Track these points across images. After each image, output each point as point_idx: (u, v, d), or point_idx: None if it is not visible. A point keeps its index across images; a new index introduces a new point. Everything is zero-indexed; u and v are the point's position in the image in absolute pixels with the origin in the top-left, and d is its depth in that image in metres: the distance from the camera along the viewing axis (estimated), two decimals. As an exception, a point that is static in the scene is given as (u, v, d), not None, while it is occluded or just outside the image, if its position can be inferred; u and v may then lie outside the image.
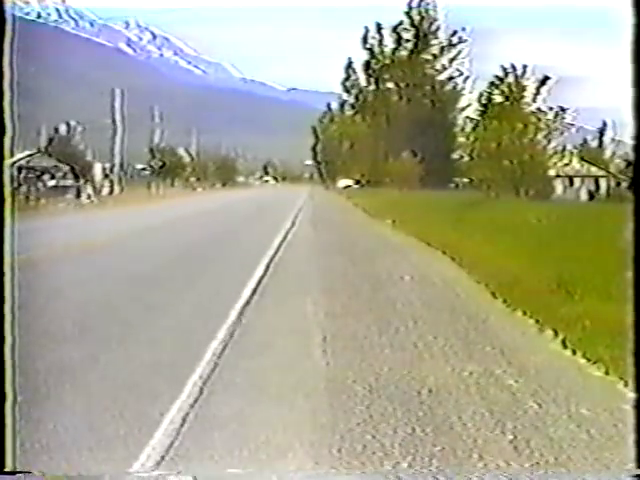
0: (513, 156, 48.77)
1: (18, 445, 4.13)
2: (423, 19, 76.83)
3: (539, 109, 52.21)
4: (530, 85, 53.78)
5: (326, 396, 6.42)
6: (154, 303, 10.96)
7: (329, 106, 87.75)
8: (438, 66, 76.80)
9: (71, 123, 72.12)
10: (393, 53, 77.59)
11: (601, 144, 69.45)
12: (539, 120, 50.69)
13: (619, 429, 5.50)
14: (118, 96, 65.49)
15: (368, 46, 77.73)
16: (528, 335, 8.94)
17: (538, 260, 14.48)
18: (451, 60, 76.43)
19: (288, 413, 5.99)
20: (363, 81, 79.39)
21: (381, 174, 71.04)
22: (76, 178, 58.34)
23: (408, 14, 77.12)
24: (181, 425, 5.66)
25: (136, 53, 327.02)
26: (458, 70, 76.53)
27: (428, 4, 76.70)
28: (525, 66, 54.93)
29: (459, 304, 11.10)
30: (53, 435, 5.49)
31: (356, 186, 76.28)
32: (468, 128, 59.12)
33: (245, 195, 68.81)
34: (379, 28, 77.50)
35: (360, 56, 79.16)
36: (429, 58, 76.67)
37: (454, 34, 76.18)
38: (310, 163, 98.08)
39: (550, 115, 50.74)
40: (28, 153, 58.07)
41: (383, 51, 77.80)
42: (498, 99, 54.96)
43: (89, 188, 54.30)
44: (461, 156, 65.97)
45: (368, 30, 77.51)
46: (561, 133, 50.29)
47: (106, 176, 63.76)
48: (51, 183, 54.43)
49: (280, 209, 40.76)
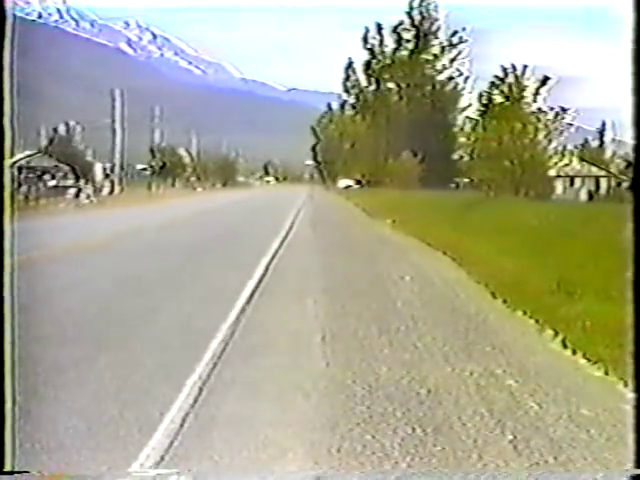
0: (513, 156, 48.77)
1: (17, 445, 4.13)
2: (424, 19, 76.83)
3: (539, 109, 52.21)
4: (530, 85, 53.80)
5: (326, 396, 6.42)
6: (151, 304, 10.96)
7: (329, 106, 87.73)
8: (438, 66, 76.79)
9: (71, 123, 72.13)
10: (393, 53, 77.58)
11: (601, 144, 69.47)
12: (539, 120, 50.69)
13: (619, 429, 5.50)
14: (118, 96, 65.46)
15: (368, 46, 77.77)
16: (528, 335, 8.94)
17: (538, 260, 14.47)
18: (451, 60, 76.42)
19: (288, 413, 5.99)
20: (363, 81, 79.41)
21: (381, 174, 71.02)
22: (76, 178, 58.36)
23: (409, 14, 77.15)
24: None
25: (136, 53, 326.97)
26: (458, 70, 76.53)
27: (429, 4, 76.73)
28: (525, 66, 54.93)
29: (459, 304, 11.10)
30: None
31: (356, 186, 76.25)
32: (468, 128, 59.13)
33: (245, 195, 68.79)
34: (379, 28, 77.53)
35: (360, 56, 79.21)
36: (429, 58, 76.65)
37: (454, 34, 76.18)
38: (310, 163, 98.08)
39: (550, 115, 50.75)
40: (28, 153, 58.08)
41: (383, 51, 77.79)
42: (498, 99, 54.96)
43: (89, 188, 54.32)
44: (461, 156, 65.96)
45: (368, 30, 77.54)
46: (561, 133, 50.30)
47: (106, 176, 63.76)
48: (51, 183, 54.44)
49: (280, 209, 40.75)
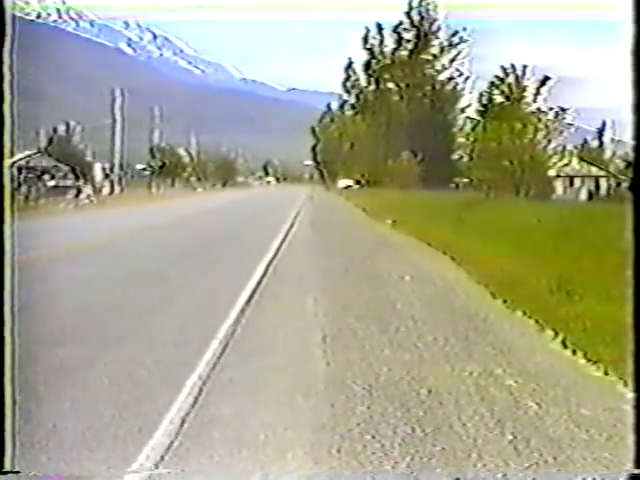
0: (513, 156, 48.79)
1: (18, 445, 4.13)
2: (423, 19, 76.87)
3: (539, 109, 52.28)
4: (530, 85, 53.87)
5: (326, 396, 6.42)
6: (149, 304, 10.96)
7: (329, 106, 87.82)
8: (438, 66, 76.88)
9: (71, 123, 72.17)
10: (393, 53, 77.64)
11: (601, 144, 69.52)
12: (539, 120, 50.74)
13: (618, 429, 5.50)
14: (118, 96, 65.50)
15: (368, 46, 77.81)
16: (528, 335, 8.94)
17: (538, 260, 14.48)
18: (451, 60, 76.50)
19: (287, 413, 5.99)
20: (363, 81, 79.48)
21: (381, 174, 71.08)
22: (76, 178, 58.38)
23: (408, 14, 77.21)
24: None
25: (136, 53, 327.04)
26: (458, 70, 76.64)
27: (428, 4, 76.77)
28: (525, 66, 55.07)
29: (459, 304, 11.10)
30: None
31: (356, 186, 76.29)
32: (468, 128, 59.21)
33: (245, 195, 68.82)
34: (380, 28, 77.57)
35: (360, 56, 79.27)
36: (429, 58, 76.73)
37: (454, 34, 76.28)
38: (310, 163, 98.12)
39: (550, 115, 50.81)
40: (28, 153, 58.12)
41: (383, 51, 77.84)
42: (498, 99, 55.04)
43: (89, 188, 54.35)
44: (461, 156, 66.02)
45: (369, 30, 77.59)
46: (561, 133, 50.34)
47: (106, 176, 63.79)
48: (51, 183, 54.46)
49: (280, 209, 40.76)
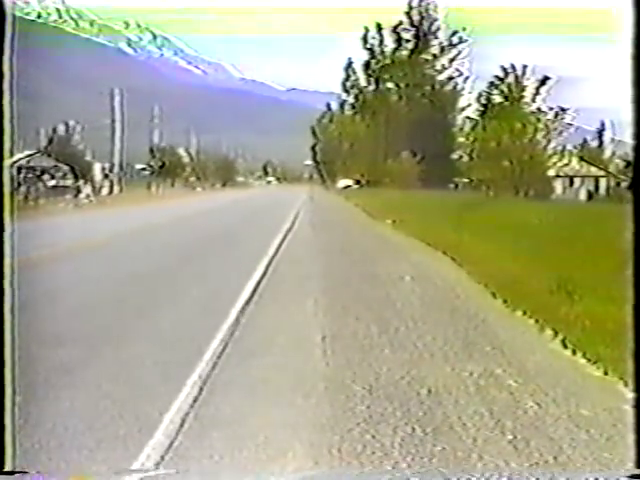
0: (513, 156, 48.76)
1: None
2: (423, 19, 76.83)
3: (539, 109, 52.26)
4: (530, 85, 53.85)
5: (326, 396, 6.42)
6: (147, 305, 10.97)
7: (329, 106, 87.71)
8: (438, 66, 76.77)
9: (70, 123, 72.09)
10: (393, 53, 77.57)
11: (600, 144, 69.48)
12: (539, 120, 50.71)
13: (618, 429, 5.50)
14: (118, 96, 65.46)
15: (368, 46, 77.76)
16: (528, 335, 8.94)
17: (538, 260, 14.47)
18: (451, 60, 76.39)
19: (287, 413, 5.99)
20: (363, 81, 79.40)
21: (381, 174, 71.00)
22: (76, 178, 58.33)
23: (408, 14, 77.14)
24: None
25: (136, 53, 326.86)
26: (458, 70, 76.50)
27: (428, 4, 76.73)
28: (525, 66, 55.03)
29: (459, 304, 11.10)
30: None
31: (356, 186, 76.21)
32: (468, 128, 59.17)
33: (245, 195, 68.77)
34: (379, 28, 77.51)
35: (360, 56, 79.20)
36: (429, 58, 76.64)
37: (454, 34, 76.20)
38: (310, 163, 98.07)
39: (550, 115, 50.78)
40: (28, 153, 58.05)
41: (383, 51, 77.79)
42: (498, 99, 55.03)
43: (88, 188, 54.32)
44: (461, 156, 65.97)
45: (368, 30, 77.53)
46: (560, 133, 50.32)
47: (106, 176, 63.75)
48: (51, 183, 54.42)
49: (280, 209, 40.73)
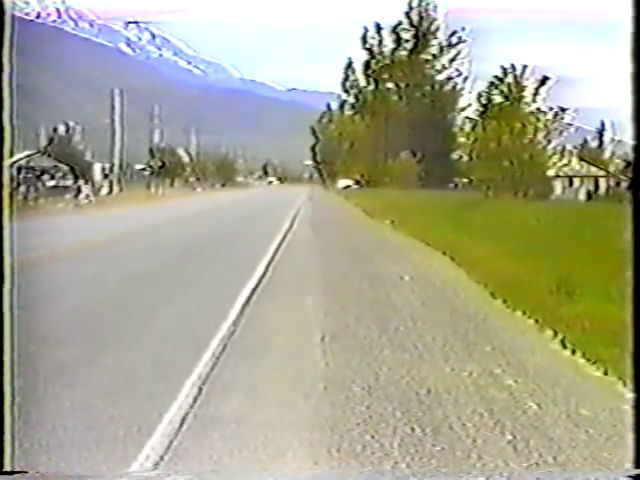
0: (512, 156, 48.76)
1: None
2: (422, 19, 76.84)
3: (539, 109, 52.26)
4: (529, 85, 53.86)
5: (325, 396, 6.42)
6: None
7: (329, 106, 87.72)
8: (438, 66, 76.82)
9: (70, 123, 72.08)
10: (392, 53, 77.58)
11: (600, 144, 69.48)
12: (538, 120, 50.71)
13: (618, 429, 5.50)
14: (118, 96, 65.46)
15: (367, 46, 77.77)
16: (527, 335, 8.94)
17: (537, 260, 14.47)
18: (450, 60, 76.44)
19: (287, 413, 5.99)
20: (363, 81, 79.43)
21: (380, 174, 71.03)
22: (75, 178, 58.33)
23: (407, 14, 77.16)
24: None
25: (136, 53, 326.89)
26: (457, 70, 76.56)
27: (428, 4, 76.75)
28: (525, 66, 55.04)
29: (459, 304, 11.10)
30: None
31: (356, 186, 76.22)
32: (467, 128, 59.14)
33: (245, 195, 68.78)
34: (378, 28, 77.52)
35: (360, 56, 79.22)
36: (428, 58, 76.67)
37: (453, 34, 76.23)
38: (309, 163, 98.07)
39: (549, 115, 50.78)
40: (28, 153, 58.04)
41: (382, 51, 77.80)
42: (497, 99, 55.03)
43: (88, 188, 54.29)
44: (460, 156, 65.96)
45: (367, 30, 77.54)
46: (560, 133, 50.31)
47: (105, 176, 63.74)
48: (50, 183, 54.42)
49: (279, 209, 40.73)
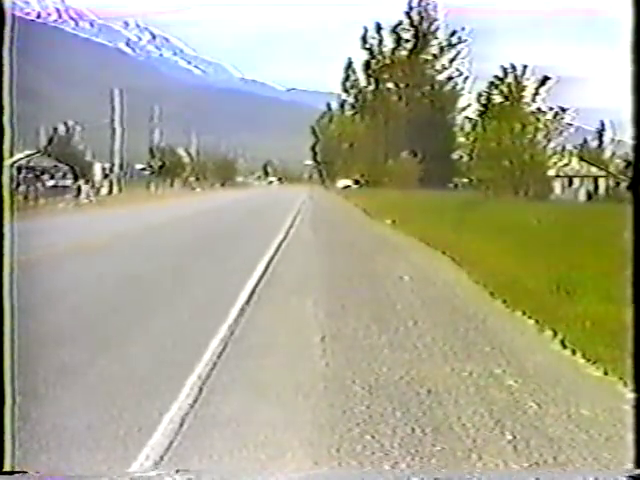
0: (512, 156, 48.77)
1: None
2: (423, 19, 76.88)
3: (539, 109, 52.25)
4: (530, 85, 53.85)
5: (325, 396, 6.42)
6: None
7: (329, 106, 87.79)
8: (438, 66, 76.91)
9: (70, 123, 72.12)
10: (393, 53, 77.64)
11: (600, 144, 69.50)
12: (538, 120, 50.71)
13: (618, 429, 5.50)
14: (118, 96, 65.51)
15: (368, 46, 77.81)
16: (527, 335, 8.94)
17: (537, 260, 14.47)
18: (451, 60, 76.52)
19: (287, 413, 5.99)
20: (363, 81, 79.48)
21: (380, 174, 71.09)
22: (75, 178, 58.36)
23: (408, 14, 77.21)
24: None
25: (136, 53, 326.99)
26: (458, 70, 76.65)
27: (428, 4, 76.78)
28: (525, 66, 55.05)
29: (459, 304, 11.10)
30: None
31: (355, 186, 76.28)
32: (467, 128, 59.13)
33: (244, 195, 68.81)
34: (379, 28, 77.55)
35: (360, 56, 79.26)
36: (429, 58, 76.75)
37: (454, 34, 76.28)
38: (309, 163, 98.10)
39: (549, 115, 50.78)
40: (28, 153, 58.08)
41: (383, 51, 77.84)
42: (498, 99, 55.02)
43: (88, 188, 54.32)
44: (460, 156, 65.98)
45: (367, 30, 77.58)
46: (560, 133, 50.31)
47: (106, 176, 63.79)
48: (50, 183, 54.45)
49: (279, 209, 40.75)
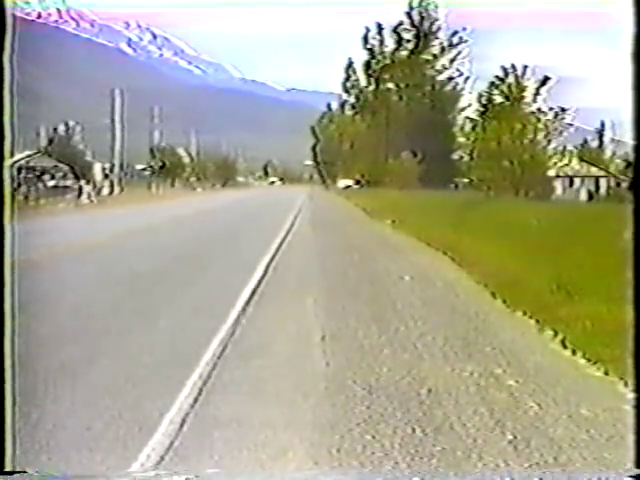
0: (513, 156, 48.75)
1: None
2: (423, 19, 76.84)
3: (539, 109, 52.24)
4: (530, 85, 53.84)
5: (326, 396, 6.42)
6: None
7: (329, 106, 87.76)
8: (438, 66, 76.81)
9: (70, 123, 72.12)
10: (393, 53, 77.58)
11: (601, 144, 69.48)
12: (539, 120, 50.69)
13: (618, 429, 5.50)
14: (118, 96, 65.51)
15: (368, 46, 77.77)
16: (528, 335, 8.94)
17: (538, 260, 14.47)
18: (451, 60, 76.43)
19: (288, 413, 5.99)
20: (363, 81, 79.43)
21: (381, 174, 71.04)
22: (76, 178, 58.36)
23: (408, 14, 77.16)
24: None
25: (136, 53, 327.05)
26: (458, 70, 76.56)
27: (428, 4, 76.73)
28: (525, 66, 55.04)
29: (459, 304, 11.10)
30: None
31: (356, 186, 76.25)
32: (468, 128, 59.10)
33: (245, 195, 68.82)
34: (380, 28, 77.51)
35: (360, 56, 79.22)
36: (429, 58, 76.67)
37: (454, 34, 76.23)
38: (310, 163, 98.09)
39: (550, 115, 50.76)
40: (28, 153, 58.10)
41: (383, 51, 77.80)
42: (498, 99, 55.02)
43: (89, 188, 54.33)
44: (461, 156, 65.94)
45: (369, 30, 77.54)
46: (560, 133, 50.29)
47: (106, 176, 63.81)
48: (51, 183, 54.48)
49: (280, 209, 40.76)
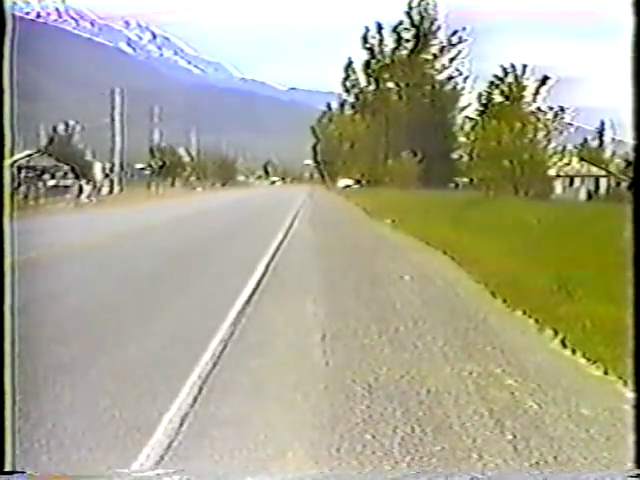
0: (513, 156, 48.72)
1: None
2: (423, 19, 76.82)
3: (539, 109, 52.24)
4: (530, 85, 53.85)
5: (325, 396, 6.42)
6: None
7: (329, 106, 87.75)
8: (438, 66, 76.79)
9: (70, 123, 72.09)
10: (393, 53, 77.56)
11: (601, 144, 69.44)
12: (539, 120, 50.67)
13: (618, 429, 5.51)
14: (118, 96, 65.49)
15: (368, 46, 77.75)
16: (528, 335, 8.94)
17: (538, 260, 14.47)
18: (451, 60, 76.41)
19: (287, 412, 5.99)
20: (363, 81, 79.41)
21: (381, 174, 71.03)
22: (76, 178, 58.35)
23: (408, 14, 77.14)
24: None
25: (136, 53, 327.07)
26: (458, 70, 76.53)
27: (428, 4, 76.72)
28: (525, 66, 55.04)
29: (459, 304, 11.10)
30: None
31: (356, 186, 76.23)
32: (468, 128, 59.07)
33: (245, 195, 68.82)
34: (379, 28, 77.51)
35: (360, 56, 79.20)
36: (429, 58, 76.65)
37: (454, 34, 76.20)
38: (310, 163, 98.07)
39: (550, 115, 50.74)
40: (28, 153, 58.08)
41: (383, 51, 77.78)
42: (498, 99, 55.03)
43: (89, 188, 54.32)
44: (461, 156, 65.92)
45: (368, 30, 77.53)
46: (560, 133, 50.27)
47: (106, 176, 63.80)
48: (51, 183, 54.47)
49: (280, 209, 40.76)
